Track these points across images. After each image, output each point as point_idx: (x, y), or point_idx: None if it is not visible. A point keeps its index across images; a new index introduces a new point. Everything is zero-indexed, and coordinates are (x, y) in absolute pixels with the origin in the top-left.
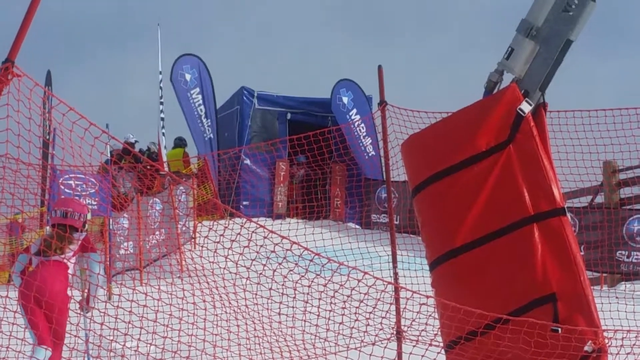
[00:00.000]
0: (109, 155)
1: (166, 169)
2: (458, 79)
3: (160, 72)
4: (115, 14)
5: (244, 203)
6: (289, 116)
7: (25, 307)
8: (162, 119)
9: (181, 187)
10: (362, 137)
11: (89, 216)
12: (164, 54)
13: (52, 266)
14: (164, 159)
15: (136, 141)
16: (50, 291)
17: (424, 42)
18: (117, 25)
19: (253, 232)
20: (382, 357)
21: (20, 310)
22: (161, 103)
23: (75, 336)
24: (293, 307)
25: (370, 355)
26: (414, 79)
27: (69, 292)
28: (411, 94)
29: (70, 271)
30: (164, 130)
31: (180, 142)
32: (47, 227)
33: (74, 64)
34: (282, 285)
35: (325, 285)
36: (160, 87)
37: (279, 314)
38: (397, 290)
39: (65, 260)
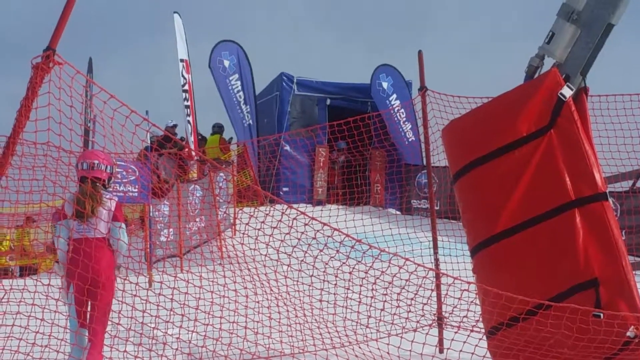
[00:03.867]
0: (149, 142)
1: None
2: (498, 66)
3: (182, 60)
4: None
5: (284, 189)
6: (328, 102)
7: (76, 287)
8: (187, 106)
9: (221, 174)
10: (402, 123)
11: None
12: (204, 41)
13: (94, 241)
14: (191, 146)
15: (175, 125)
16: (96, 268)
17: (465, 28)
18: (157, 11)
19: (294, 219)
20: (423, 344)
21: (63, 284)
22: (184, 91)
23: (117, 324)
24: (334, 294)
25: (412, 341)
26: (454, 65)
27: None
28: (451, 80)
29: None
30: (189, 118)
31: (217, 129)
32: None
33: (114, 52)
34: (323, 271)
35: (366, 272)
36: (183, 76)
37: (320, 300)
38: (438, 276)
39: (104, 235)
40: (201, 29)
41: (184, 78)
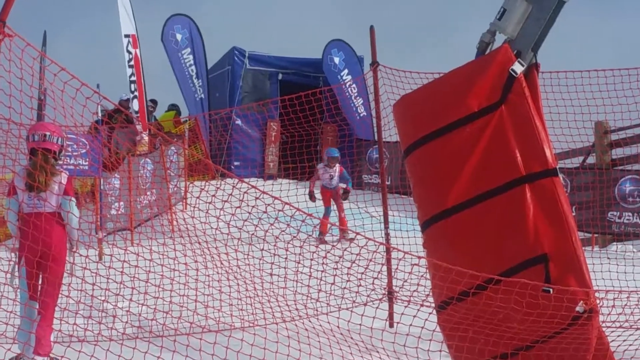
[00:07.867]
0: (100, 115)
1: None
2: (451, 43)
3: (127, 36)
4: None
5: (235, 163)
6: (280, 76)
7: (27, 260)
8: (133, 82)
9: (173, 148)
10: (353, 98)
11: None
12: (155, 14)
13: (45, 215)
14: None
15: (129, 99)
16: (47, 241)
17: (417, 3)
18: None
19: (245, 192)
20: (373, 318)
21: (14, 259)
22: (130, 66)
23: (67, 297)
24: (285, 268)
25: (362, 315)
26: (407, 41)
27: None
28: (403, 56)
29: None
30: (136, 94)
31: (173, 107)
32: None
33: (68, 24)
34: (274, 245)
35: (317, 246)
36: (128, 51)
37: (271, 274)
38: (388, 251)
39: (55, 209)
40: (155, 2)
41: (129, 53)
